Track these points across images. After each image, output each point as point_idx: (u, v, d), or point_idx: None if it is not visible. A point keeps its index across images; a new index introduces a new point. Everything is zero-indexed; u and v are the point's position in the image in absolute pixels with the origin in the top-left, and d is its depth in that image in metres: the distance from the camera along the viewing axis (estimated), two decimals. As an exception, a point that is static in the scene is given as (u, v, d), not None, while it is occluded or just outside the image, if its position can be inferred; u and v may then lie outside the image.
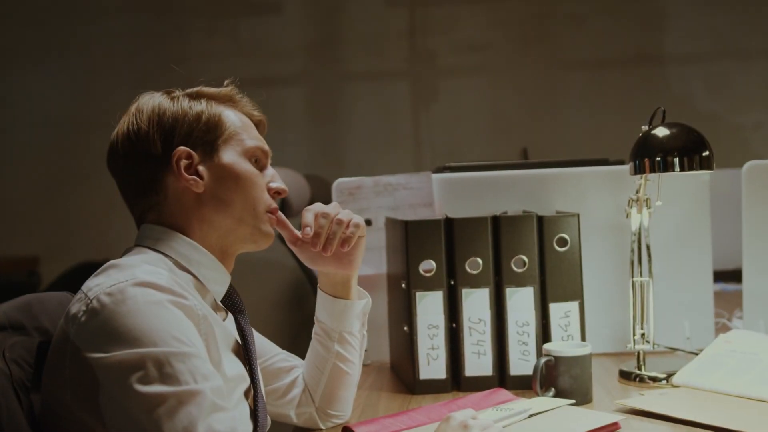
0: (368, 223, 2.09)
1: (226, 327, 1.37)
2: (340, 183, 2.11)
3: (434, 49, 4.64)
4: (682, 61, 4.53)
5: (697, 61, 4.54)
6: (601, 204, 2.06)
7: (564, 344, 1.74)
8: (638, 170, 1.73)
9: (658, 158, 1.69)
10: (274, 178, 1.43)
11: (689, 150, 1.68)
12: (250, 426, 1.36)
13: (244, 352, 1.39)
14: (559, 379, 1.65)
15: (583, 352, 1.67)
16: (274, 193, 1.42)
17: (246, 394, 1.37)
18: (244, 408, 1.35)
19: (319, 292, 1.58)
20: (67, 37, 4.67)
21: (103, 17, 4.66)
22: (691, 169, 1.69)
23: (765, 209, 2.02)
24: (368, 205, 2.09)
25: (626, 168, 1.81)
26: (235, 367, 1.35)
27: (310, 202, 3.50)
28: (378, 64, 4.66)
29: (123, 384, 1.15)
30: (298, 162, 4.53)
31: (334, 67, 4.68)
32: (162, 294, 1.21)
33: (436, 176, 2.09)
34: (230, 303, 1.41)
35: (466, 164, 2.20)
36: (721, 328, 2.19)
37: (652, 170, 1.71)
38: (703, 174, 2.00)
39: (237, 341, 1.39)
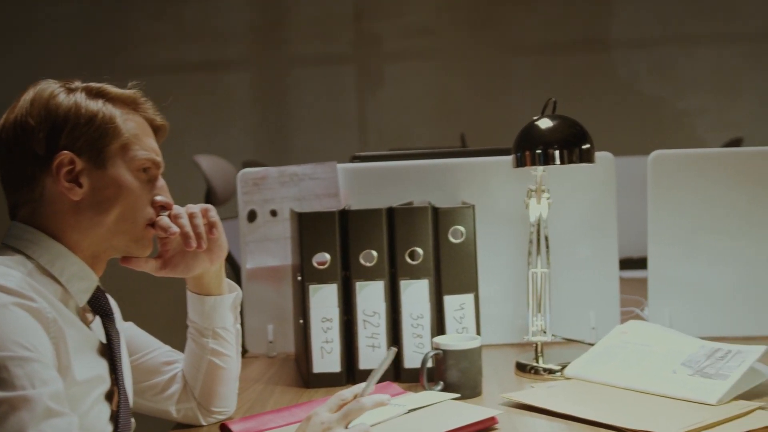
0: (273, 213, 2.06)
1: (85, 330, 1.33)
2: (244, 173, 2.08)
3: (380, 33, 4.60)
4: (629, 46, 4.52)
5: (644, 45, 4.53)
6: (506, 194, 2.04)
7: (454, 337, 1.72)
8: (520, 163, 1.71)
9: (539, 150, 1.67)
10: (161, 191, 1.39)
11: (569, 143, 1.66)
12: (108, 428, 1.33)
13: (109, 354, 1.37)
14: (447, 372, 1.64)
15: (472, 345, 1.66)
16: (159, 207, 1.39)
17: (108, 396, 1.34)
18: (101, 410, 1.32)
19: (188, 294, 1.55)
20: (9, 21, 4.59)
21: (46, 1, 4.59)
22: (570, 161, 1.67)
23: (669, 198, 2.01)
24: (273, 195, 2.06)
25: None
26: (92, 369, 1.31)
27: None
28: (324, 48, 4.61)
29: None
30: (244, 147, 4.50)
31: (280, 51, 4.63)
32: (7, 296, 1.18)
33: (341, 166, 2.07)
34: (97, 306, 1.38)
35: (376, 154, 2.19)
36: (634, 318, 2.18)
37: (533, 163, 1.69)
38: (607, 162, 1.99)
39: (101, 343, 1.36)
